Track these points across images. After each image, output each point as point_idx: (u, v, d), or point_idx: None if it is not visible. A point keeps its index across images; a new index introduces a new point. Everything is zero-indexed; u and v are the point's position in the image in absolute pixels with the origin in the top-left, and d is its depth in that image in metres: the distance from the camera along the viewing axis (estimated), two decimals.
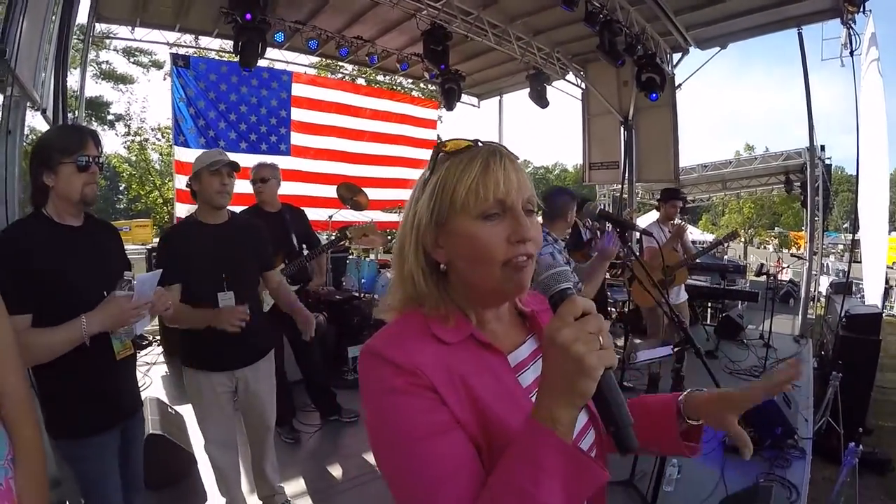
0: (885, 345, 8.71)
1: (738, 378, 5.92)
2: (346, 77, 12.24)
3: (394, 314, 1.01)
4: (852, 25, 7.32)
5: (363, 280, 7.02)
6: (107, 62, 20.92)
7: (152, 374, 5.79)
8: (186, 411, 3.85)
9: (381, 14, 7.90)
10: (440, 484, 0.81)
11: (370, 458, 4.13)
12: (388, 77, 12.12)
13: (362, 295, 6.79)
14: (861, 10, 7.08)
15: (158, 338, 6.69)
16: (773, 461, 3.93)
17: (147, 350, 6.55)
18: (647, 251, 5.41)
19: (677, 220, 5.74)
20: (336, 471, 3.98)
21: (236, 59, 6.98)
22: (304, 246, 4.55)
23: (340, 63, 10.04)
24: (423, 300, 0.96)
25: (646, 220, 13.72)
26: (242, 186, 3.35)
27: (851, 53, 7.47)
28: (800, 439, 4.17)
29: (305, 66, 10.21)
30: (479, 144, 0.96)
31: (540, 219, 1.02)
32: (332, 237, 5.02)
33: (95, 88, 21.19)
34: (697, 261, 6.27)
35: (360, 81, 11.54)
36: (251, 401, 2.97)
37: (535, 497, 0.74)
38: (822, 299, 12.12)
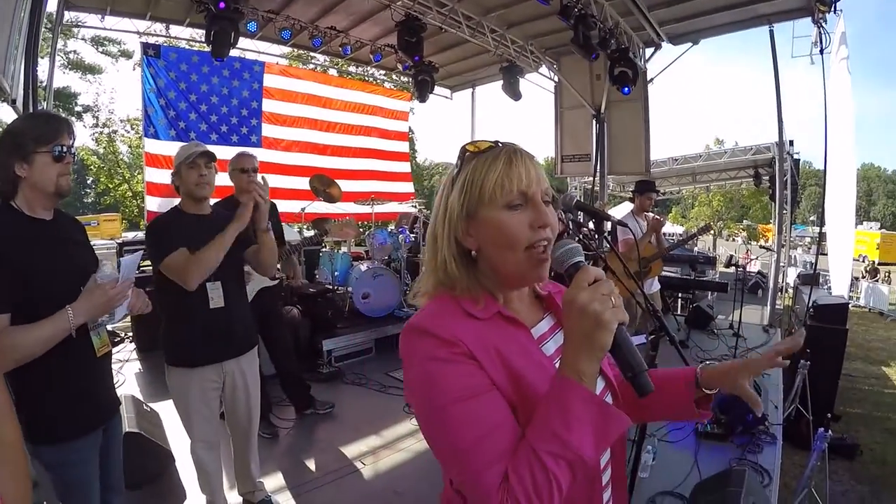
0: (852, 334, 8.93)
1: None
2: (318, 68, 12.12)
3: (426, 298, 1.14)
4: (823, 24, 7.45)
5: (336, 273, 6.98)
6: (74, 52, 20.43)
7: (125, 372, 5.68)
8: (162, 408, 3.81)
9: (355, 4, 7.86)
10: (483, 438, 0.92)
11: (348, 450, 4.17)
12: (359, 68, 12.03)
13: (336, 288, 6.76)
14: (832, 9, 7.19)
15: (131, 334, 6.59)
16: (745, 447, 3.99)
17: (120, 347, 6.43)
18: (623, 243, 5.46)
19: (651, 214, 5.80)
20: (315, 464, 3.97)
21: (208, 48, 6.88)
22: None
23: (312, 54, 9.92)
24: (455, 284, 1.08)
25: (616, 212, 13.84)
26: (221, 179, 3.27)
27: (821, 52, 7.60)
28: (770, 425, 4.25)
29: (277, 56, 10.09)
30: (500, 144, 1.09)
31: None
32: (314, 232, 4.97)
33: (63, 79, 20.65)
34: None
35: (332, 72, 11.42)
36: (238, 394, 2.95)
37: (568, 440, 0.87)
38: (790, 290, 12.38)
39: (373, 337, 6.44)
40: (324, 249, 7.38)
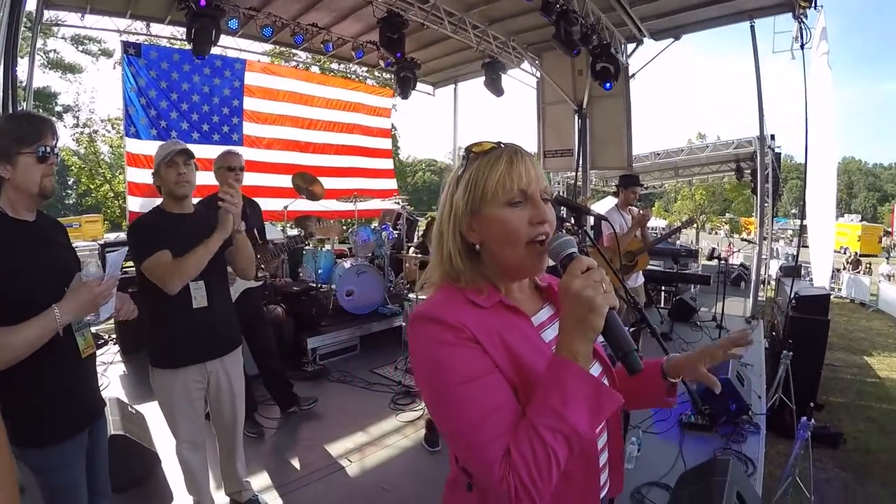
0: (834, 325, 9.03)
1: None
2: (300, 65, 12.05)
3: (433, 289, 1.21)
4: (804, 20, 7.51)
5: (320, 271, 6.95)
6: (54, 51, 20.22)
7: (110, 374, 5.63)
8: (147, 409, 3.77)
9: (337, 1, 7.79)
10: (486, 416, 0.99)
11: (334, 448, 4.16)
12: (342, 65, 11.96)
13: (319, 286, 6.73)
14: (812, 5, 7.26)
15: (115, 336, 6.52)
16: (729, 437, 4.02)
17: (104, 349, 6.37)
18: (608, 238, 5.50)
19: (635, 208, 5.82)
20: (301, 463, 3.96)
21: (189, 46, 6.79)
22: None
23: (294, 51, 9.86)
24: (460, 276, 1.16)
25: (599, 206, 13.90)
26: (204, 178, 3.24)
27: (802, 47, 7.67)
28: (754, 415, 4.27)
29: (259, 53, 10.01)
30: (502, 146, 1.16)
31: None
32: (299, 232, 4.94)
33: (43, 78, 20.49)
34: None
35: (314, 69, 11.34)
36: (223, 395, 2.94)
37: (564, 415, 0.94)
38: (773, 282, 12.55)
39: (357, 334, 6.42)
40: (307, 247, 7.34)
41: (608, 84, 8.12)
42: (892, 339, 12.26)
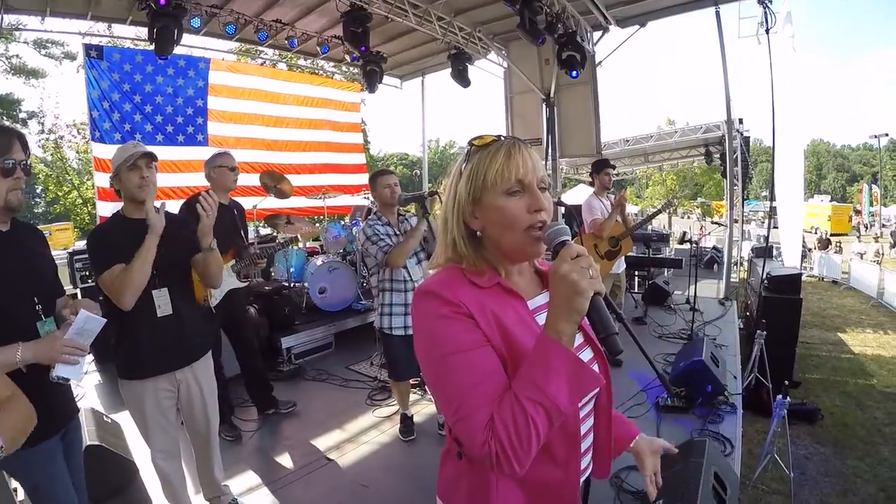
0: (808, 303, 9.18)
1: (668, 341, 6.11)
2: (268, 62, 11.91)
3: (438, 269, 1.29)
4: (769, 4, 7.59)
5: (292, 269, 6.91)
6: (17, 56, 19.76)
7: (84, 384, 5.50)
8: (123, 419, 3.69)
9: None
10: (474, 385, 1.08)
11: (313, 447, 4.14)
12: (309, 61, 11.85)
13: (292, 284, 6.66)
14: None
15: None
16: (706, 418, 4.07)
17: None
18: (592, 224, 5.51)
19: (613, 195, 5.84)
20: (281, 463, 3.92)
21: (152, 47, 6.67)
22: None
23: (261, 48, 9.73)
24: (463, 259, 1.25)
25: (574, 194, 13.97)
26: (187, 180, 3.15)
27: (767, 31, 7.75)
28: (730, 395, 4.31)
29: (225, 52, 9.86)
30: (502, 139, 1.24)
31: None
32: (270, 231, 4.88)
33: (5, 85, 20.01)
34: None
35: (282, 66, 11.20)
36: (194, 402, 2.88)
37: (545, 390, 1.02)
38: (745, 263, 12.69)
39: (332, 332, 6.39)
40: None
41: (574, 72, 8.12)
42: (864, 316, 12.49)
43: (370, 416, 4.62)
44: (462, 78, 9.71)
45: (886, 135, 46.63)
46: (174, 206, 3.20)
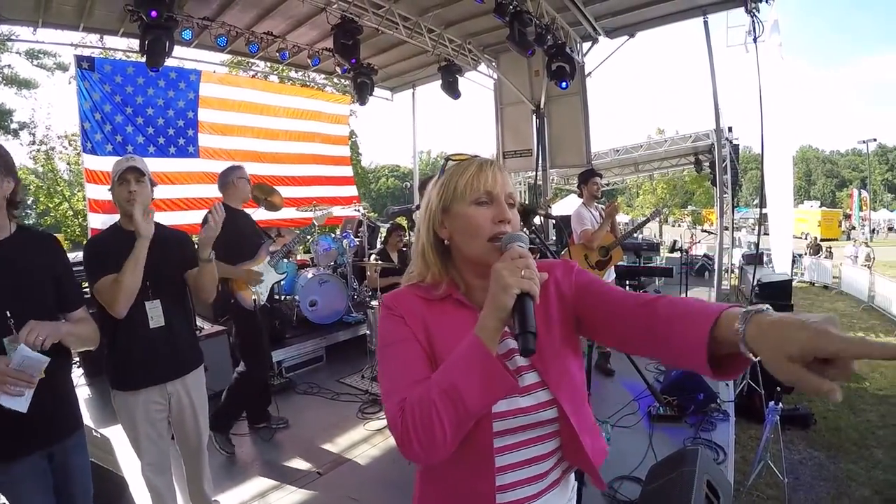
0: (799, 308, 9.21)
1: None
2: (259, 74, 11.91)
3: (413, 280, 1.34)
4: (756, 13, 7.70)
5: (282, 282, 6.83)
6: (9, 66, 19.63)
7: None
8: (112, 433, 3.67)
9: (292, 8, 7.72)
10: (399, 372, 1.18)
11: (304, 461, 4.14)
12: (301, 73, 11.86)
13: (282, 297, 6.64)
14: None
15: (78, 359, 6.34)
16: (699, 426, 4.11)
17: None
18: (582, 235, 5.52)
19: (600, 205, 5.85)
20: (270, 477, 3.91)
21: (143, 59, 6.68)
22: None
23: (253, 60, 9.74)
24: (429, 270, 1.29)
25: (565, 205, 14.02)
26: (179, 192, 3.13)
27: (755, 40, 7.85)
28: (722, 403, 4.35)
29: (216, 64, 9.87)
30: (476, 157, 1.31)
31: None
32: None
33: None
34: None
35: (273, 78, 11.19)
36: (185, 415, 2.87)
37: (456, 382, 1.05)
38: (736, 270, 12.75)
39: (322, 345, 6.38)
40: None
41: (564, 83, 8.19)
42: (855, 319, 12.53)
43: (361, 429, 4.61)
44: (452, 90, 9.75)
45: (874, 140, 46.91)
46: (166, 218, 3.23)
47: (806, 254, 20.94)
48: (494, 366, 1.05)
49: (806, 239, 29.73)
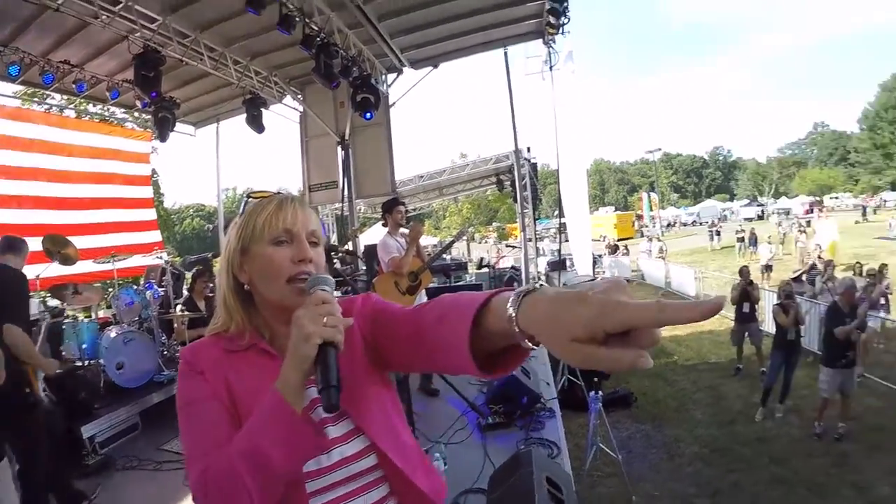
0: None
1: None
2: (54, 108, 10.77)
3: (217, 330, 1.22)
4: (552, 45, 8.47)
5: (84, 346, 5.95)
6: None
7: None
8: None
9: (92, 36, 7.15)
10: (199, 436, 1.07)
11: None
12: (100, 107, 10.92)
13: (87, 363, 5.88)
14: (559, 31, 8.15)
15: None
16: (528, 427, 4.29)
17: None
18: (391, 263, 5.54)
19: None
20: None
21: None
22: None
23: (48, 92, 8.83)
24: (232, 318, 1.20)
25: (372, 234, 14.26)
26: None
27: (551, 68, 8.65)
28: (546, 401, 4.60)
29: (8, 96, 8.74)
30: (279, 193, 1.25)
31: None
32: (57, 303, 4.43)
33: None
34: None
35: (70, 113, 10.08)
36: None
37: (258, 444, 0.96)
38: (542, 277, 13.71)
39: (136, 411, 5.60)
40: (66, 321, 6.38)
41: (369, 114, 8.45)
42: None
43: (189, 499, 4.29)
44: (257, 124, 9.52)
45: (659, 149, 54.65)
46: None
47: (605, 254, 23.13)
48: (298, 424, 0.98)
49: (604, 241, 32.70)
